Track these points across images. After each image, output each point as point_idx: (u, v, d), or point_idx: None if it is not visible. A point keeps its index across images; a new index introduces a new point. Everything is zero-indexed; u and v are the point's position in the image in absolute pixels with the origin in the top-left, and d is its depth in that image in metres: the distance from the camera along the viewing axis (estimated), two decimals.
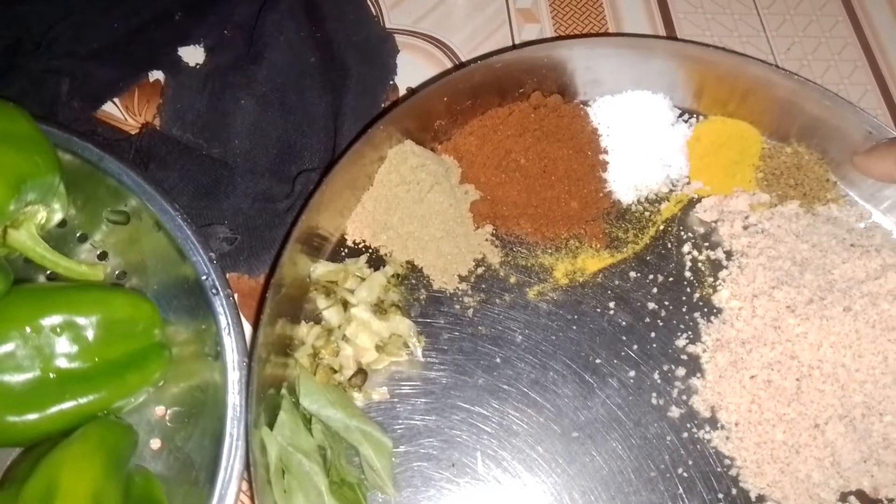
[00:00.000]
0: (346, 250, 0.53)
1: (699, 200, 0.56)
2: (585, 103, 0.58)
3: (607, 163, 0.55)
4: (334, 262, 0.52)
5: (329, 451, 0.44)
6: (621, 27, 0.65)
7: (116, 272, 0.51)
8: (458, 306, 0.52)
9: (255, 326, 0.46)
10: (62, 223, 0.49)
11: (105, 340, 0.43)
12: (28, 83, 0.55)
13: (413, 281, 0.52)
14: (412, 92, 0.60)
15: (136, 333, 0.45)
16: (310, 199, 0.49)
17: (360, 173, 0.53)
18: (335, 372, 0.47)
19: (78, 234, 0.51)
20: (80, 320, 0.42)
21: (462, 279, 0.52)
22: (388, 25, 0.64)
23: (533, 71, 0.56)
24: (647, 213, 0.55)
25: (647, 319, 0.51)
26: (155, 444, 0.47)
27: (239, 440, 0.43)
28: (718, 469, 0.48)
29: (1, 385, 0.41)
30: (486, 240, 0.53)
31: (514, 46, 0.63)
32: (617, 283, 0.53)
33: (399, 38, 0.62)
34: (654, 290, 0.52)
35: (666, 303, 0.52)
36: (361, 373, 0.47)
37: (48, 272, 0.49)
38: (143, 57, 0.59)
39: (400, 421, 0.48)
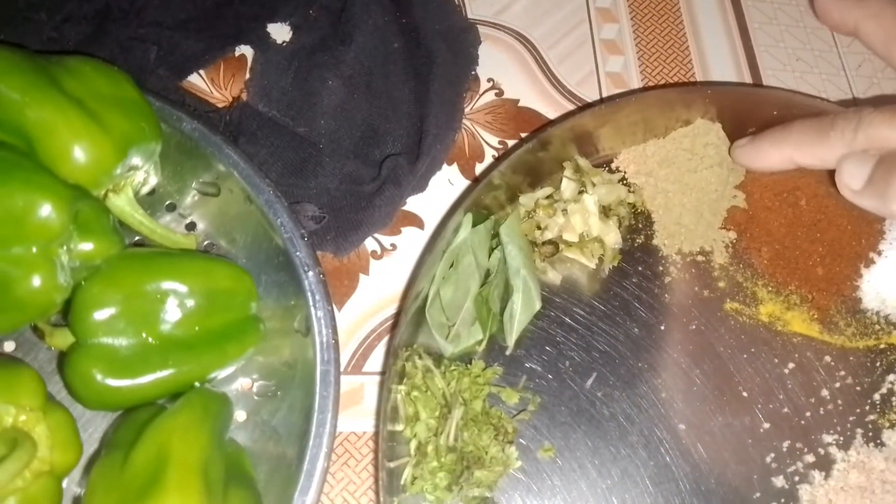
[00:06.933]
0: (606, 168, 0.56)
1: None
2: None
3: (873, 262, 0.54)
4: None
5: (493, 277, 0.48)
6: (700, 42, 0.66)
7: (205, 243, 0.50)
8: (659, 268, 0.53)
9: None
10: (151, 191, 0.48)
11: (206, 310, 0.43)
12: (117, 49, 0.55)
13: (640, 226, 0.54)
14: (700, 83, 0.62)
15: (235, 305, 0.44)
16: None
17: (659, 121, 0.56)
18: (538, 229, 0.51)
19: (167, 203, 0.50)
20: (183, 288, 0.42)
21: (679, 253, 0.54)
22: (469, 16, 0.64)
23: None
24: (876, 327, 0.53)
25: (813, 400, 0.50)
26: (240, 416, 0.46)
27: (329, 416, 0.41)
28: None
29: (104, 348, 0.40)
30: (723, 241, 0.54)
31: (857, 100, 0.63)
32: (808, 354, 0.51)
33: (481, 30, 0.62)
34: (837, 384, 0.51)
35: (839, 402, 0.50)
36: (554, 245, 0.51)
37: (136, 238, 0.48)
38: (229, 31, 0.59)
39: (555, 313, 0.51)
